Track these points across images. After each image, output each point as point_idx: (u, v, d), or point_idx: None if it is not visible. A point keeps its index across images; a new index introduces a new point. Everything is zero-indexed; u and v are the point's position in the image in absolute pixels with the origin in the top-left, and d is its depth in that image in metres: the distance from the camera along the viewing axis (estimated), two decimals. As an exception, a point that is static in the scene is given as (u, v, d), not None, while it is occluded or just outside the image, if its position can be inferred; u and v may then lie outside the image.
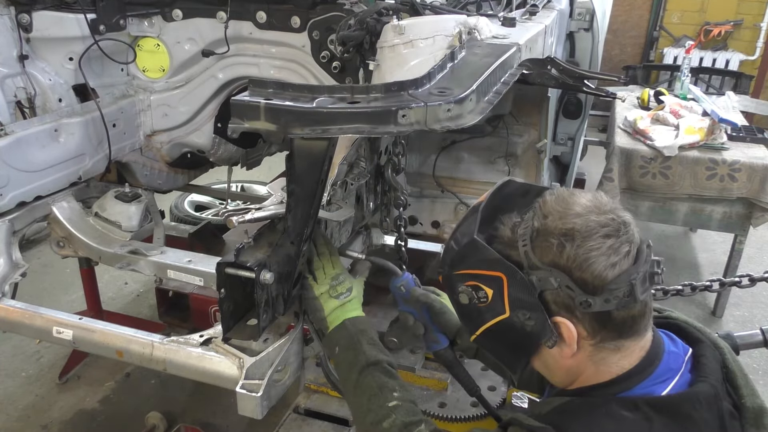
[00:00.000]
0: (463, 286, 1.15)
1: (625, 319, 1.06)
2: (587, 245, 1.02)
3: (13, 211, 2.15)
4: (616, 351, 1.09)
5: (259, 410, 1.51)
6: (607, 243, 1.03)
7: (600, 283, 1.02)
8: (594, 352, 1.10)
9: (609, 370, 1.11)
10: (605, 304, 1.03)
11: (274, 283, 1.53)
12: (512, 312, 1.10)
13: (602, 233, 1.03)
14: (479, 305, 1.14)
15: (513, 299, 1.09)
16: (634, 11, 7.51)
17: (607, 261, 1.02)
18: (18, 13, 2.23)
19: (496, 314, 1.12)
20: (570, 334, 1.07)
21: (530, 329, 1.09)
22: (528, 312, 1.08)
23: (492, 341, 1.19)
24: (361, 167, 1.87)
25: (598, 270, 1.02)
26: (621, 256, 1.03)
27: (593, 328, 1.07)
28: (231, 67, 2.47)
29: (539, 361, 1.17)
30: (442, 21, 1.75)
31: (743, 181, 3.60)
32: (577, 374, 1.14)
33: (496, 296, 1.11)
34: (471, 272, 1.13)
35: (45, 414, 3.17)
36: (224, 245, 3.41)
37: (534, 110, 2.41)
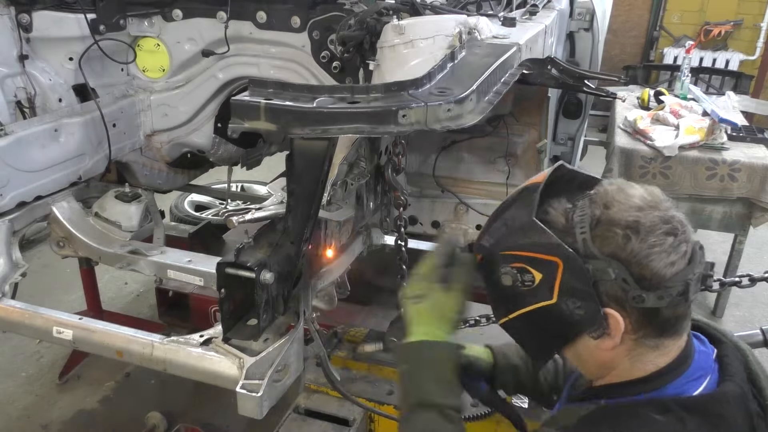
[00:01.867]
0: (508, 267, 1.11)
1: (670, 317, 1.06)
2: (650, 241, 1.02)
3: (13, 211, 2.15)
4: (654, 349, 1.09)
5: (259, 410, 1.51)
6: (669, 241, 1.03)
7: (658, 280, 1.02)
8: (633, 347, 1.09)
9: (644, 367, 1.11)
10: (658, 301, 1.03)
11: (274, 283, 1.54)
12: (560, 299, 1.07)
13: (664, 230, 1.03)
14: (522, 288, 1.11)
15: (565, 286, 1.06)
16: (634, 11, 7.52)
17: (667, 259, 1.02)
18: (18, 13, 2.23)
19: (540, 299, 1.09)
20: (617, 327, 1.06)
21: (578, 318, 1.07)
22: (579, 301, 1.06)
23: (526, 326, 1.16)
24: (361, 167, 1.87)
25: (658, 267, 1.02)
26: (680, 255, 1.03)
27: (639, 323, 1.06)
28: (231, 67, 2.47)
29: (573, 351, 1.15)
30: (442, 21, 1.75)
31: (743, 181, 3.60)
32: (611, 368, 1.14)
33: (545, 281, 1.08)
34: (522, 254, 1.10)
35: (45, 414, 3.17)
36: (224, 245, 3.41)
37: (534, 110, 2.41)
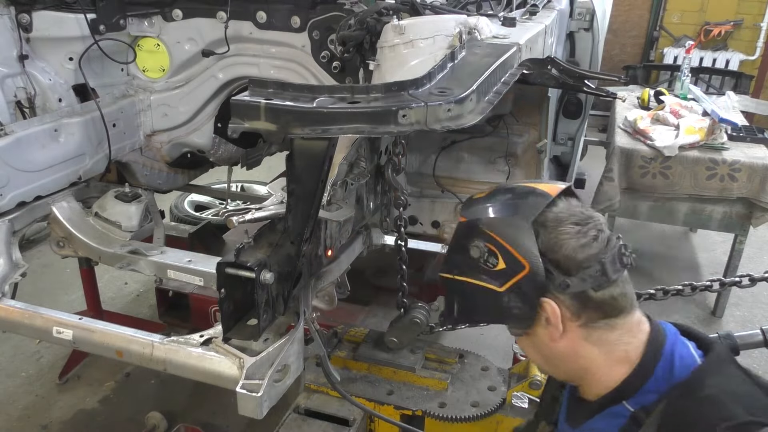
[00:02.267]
0: (482, 244, 1.19)
1: (604, 299, 1.14)
2: (558, 229, 1.14)
3: (13, 211, 2.15)
4: (610, 329, 1.17)
5: (260, 410, 1.51)
6: (576, 228, 1.14)
7: (572, 263, 1.12)
8: (586, 334, 1.17)
9: (614, 350, 1.17)
10: (582, 283, 1.12)
11: (274, 283, 1.54)
12: (507, 292, 1.17)
13: (572, 221, 1.15)
14: (482, 264, 1.19)
15: (517, 286, 1.16)
16: (634, 11, 7.51)
17: (576, 243, 1.13)
18: (18, 13, 2.23)
19: (491, 282, 1.19)
20: (554, 312, 1.14)
21: (511, 313, 1.18)
22: (521, 302, 1.17)
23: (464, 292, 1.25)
24: (361, 167, 1.87)
25: (568, 251, 1.13)
26: (589, 238, 1.13)
27: (575, 307, 1.14)
28: (231, 67, 2.47)
29: (532, 348, 1.25)
30: (442, 21, 1.75)
31: (743, 181, 3.60)
32: (583, 361, 1.19)
33: (504, 273, 1.17)
34: (501, 242, 1.17)
35: (45, 414, 3.17)
36: (224, 245, 3.41)
37: (534, 110, 2.41)
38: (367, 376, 2.15)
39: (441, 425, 1.99)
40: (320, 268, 1.83)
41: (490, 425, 2.01)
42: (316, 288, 1.83)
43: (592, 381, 1.22)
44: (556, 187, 1.22)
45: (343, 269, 1.97)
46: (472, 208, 1.26)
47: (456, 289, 1.28)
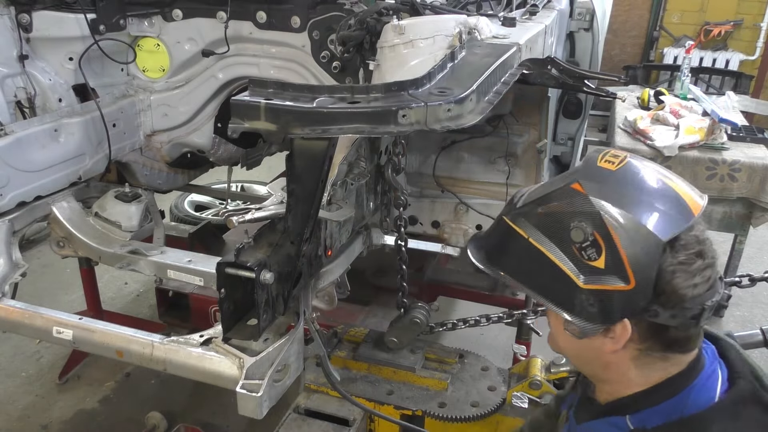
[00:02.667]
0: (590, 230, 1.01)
1: (678, 337, 1.06)
2: (680, 258, 1.00)
3: (13, 211, 2.15)
4: (662, 359, 1.09)
5: (259, 410, 1.51)
6: (697, 263, 1.01)
7: (675, 298, 1.01)
8: (638, 356, 1.09)
9: (652, 375, 1.11)
10: (670, 319, 1.02)
11: (274, 283, 1.54)
12: (587, 294, 1.03)
13: (696, 251, 1.01)
14: (574, 249, 1.03)
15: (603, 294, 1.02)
16: (634, 11, 7.51)
17: (691, 280, 1.00)
18: (18, 13, 2.23)
19: (573, 271, 1.03)
20: (624, 334, 1.04)
21: (582, 312, 1.05)
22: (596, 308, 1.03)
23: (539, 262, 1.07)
24: (361, 167, 1.87)
25: (680, 286, 1.00)
26: (703, 279, 1.02)
27: (646, 334, 1.05)
28: (231, 67, 2.47)
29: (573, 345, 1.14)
30: (442, 21, 1.75)
31: (743, 181, 3.60)
32: (613, 372, 1.13)
33: (597, 273, 1.01)
34: (617, 245, 1.00)
35: (45, 414, 3.17)
36: (224, 245, 3.41)
37: (534, 110, 2.40)
38: (367, 376, 2.15)
39: (441, 425, 1.99)
40: (320, 268, 1.83)
41: (490, 425, 2.01)
42: (316, 288, 1.83)
43: (610, 388, 1.17)
44: (698, 203, 1.06)
45: (343, 269, 1.97)
46: (599, 182, 1.05)
47: (518, 245, 1.11)
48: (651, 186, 1.06)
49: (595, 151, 1.14)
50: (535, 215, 1.10)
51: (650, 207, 1.02)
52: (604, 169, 1.07)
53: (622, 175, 1.06)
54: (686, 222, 1.02)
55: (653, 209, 1.02)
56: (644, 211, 1.01)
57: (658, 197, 1.04)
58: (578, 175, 1.08)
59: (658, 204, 1.03)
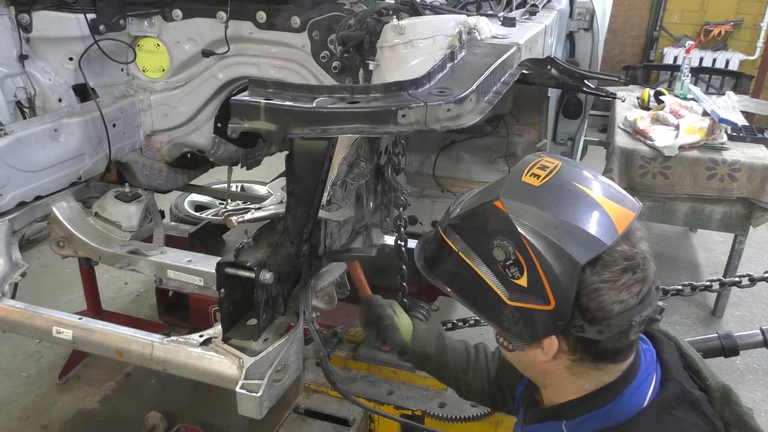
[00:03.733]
0: (511, 249, 1.01)
1: (608, 349, 1.06)
2: (604, 276, 0.99)
3: (13, 211, 2.15)
4: (595, 369, 1.10)
5: (259, 410, 1.51)
6: (624, 278, 1.00)
7: (602, 315, 1.00)
8: (572, 366, 1.10)
9: (587, 384, 1.12)
10: (597, 334, 1.01)
11: (274, 283, 1.54)
12: (513, 311, 1.04)
13: (623, 266, 1.00)
14: (498, 266, 1.03)
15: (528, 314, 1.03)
16: (634, 11, 7.51)
17: (617, 296, 1.00)
18: (18, 13, 2.23)
19: (499, 288, 1.04)
20: (551, 347, 1.05)
21: (511, 329, 1.06)
22: (523, 326, 1.04)
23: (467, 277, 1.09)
24: (361, 167, 1.87)
25: (605, 302, 0.99)
26: (631, 295, 1.01)
27: (575, 347, 1.06)
28: (231, 67, 2.47)
29: (509, 354, 1.18)
30: (442, 21, 1.75)
31: (743, 181, 3.60)
32: (551, 379, 1.15)
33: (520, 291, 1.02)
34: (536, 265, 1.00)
35: (45, 414, 3.17)
36: (224, 245, 3.41)
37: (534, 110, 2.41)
38: (367, 376, 2.15)
39: (441, 425, 1.99)
40: (320, 268, 1.83)
41: (490, 425, 2.01)
42: (316, 288, 1.83)
43: (549, 392, 1.20)
44: (627, 214, 1.03)
45: (343, 269, 1.97)
46: (521, 201, 1.04)
47: (450, 256, 1.12)
48: (574, 205, 1.03)
49: (524, 162, 1.11)
50: (463, 229, 1.11)
51: (569, 229, 1.00)
52: (528, 185, 1.06)
53: (544, 192, 1.04)
54: (608, 241, 0.99)
55: (572, 231, 1.00)
56: (563, 233, 0.99)
57: (580, 217, 1.01)
58: (501, 191, 1.06)
59: (581, 224, 1.00)
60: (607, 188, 1.07)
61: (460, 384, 1.67)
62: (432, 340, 1.66)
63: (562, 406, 1.16)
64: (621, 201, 1.06)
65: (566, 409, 1.15)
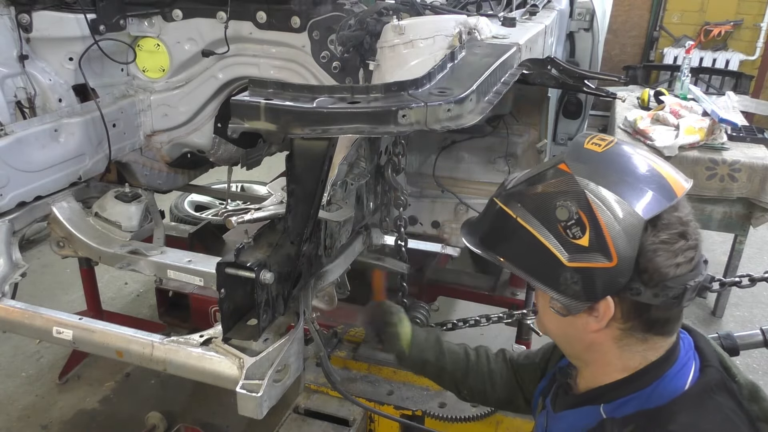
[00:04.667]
0: (574, 208, 1.03)
1: (659, 318, 1.08)
2: (662, 237, 1.02)
3: (13, 211, 2.15)
4: (642, 342, 1.11)
5: (259, 410, 1.51)
6: (679, 243, 1.03)
7: (659, 277, 1.02)
8: (621, 336, 1.10)
9: (632, 359, 1.12)
10: (653, 298, 1.03)
11: (274, 283, 1.54)
12: (572, 272, 1.05)
13: (679, 231, 1.03)
14: (559, 227, 1.05)
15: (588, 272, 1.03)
16: (634, 11, 7.51)
17: (673, 260, 1.03)
18: (18, 13, 2.23)
19: (559, 249, 1.05)
20: (607, 312, 1.06)
21: (566, 290, 1.06)
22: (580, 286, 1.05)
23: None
24: (361, 167, 1.87)
25: (662, 264, 1.02)
26: (686, 259, 1.04)
27: (629, 314, 1.07)
28: (231, 67, 2.47)
29: (559, 325, 1.16)
30: (442, 21, 1.75)
31: (743, 181, 3.60)
32: (599, 352, 1.14)
33: (581, 251, 1.03)
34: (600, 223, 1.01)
35: (45, 414, 3.17)
36: (224, 245, 3.41)
37: (534, 110, 2.40)
38: (367, 376, 2.15)
39: (441, 425, 1.99)
40: (320, 268, 1.83)
41: (490, 425, 2.01)
42: (316, 288, 1.83)
43: (590, 372, 1.19)
44: (683, 185, 1.08)
45: (343, 269, 1.97)
46: (585, 163, 1.08)
47: (507, 225, 1.13)
48: (635, 167, 1.08)
49: (582, 135, 1.16)
50: (523, 195, 1.13)
51: (633, 187, 1.04)
52: (591, 151, 1.10)
53: (607, 156, 1.09)
54: (668, 202, 1.03)
55: (636, 189, 1.04)
56: (627, 190, 1.03)
57: (641, 178, 1.06)
58: (565, 156, 1.10)
59: (642, 184, 1.05)
60: (664, 161, 1.12)
61: (460, 387, 1.68)
62: (430, 347, 1.68)
63: (601, 389, 1.16)
64: (677, 173, 1.10)
65: (605, 392, 1.15)
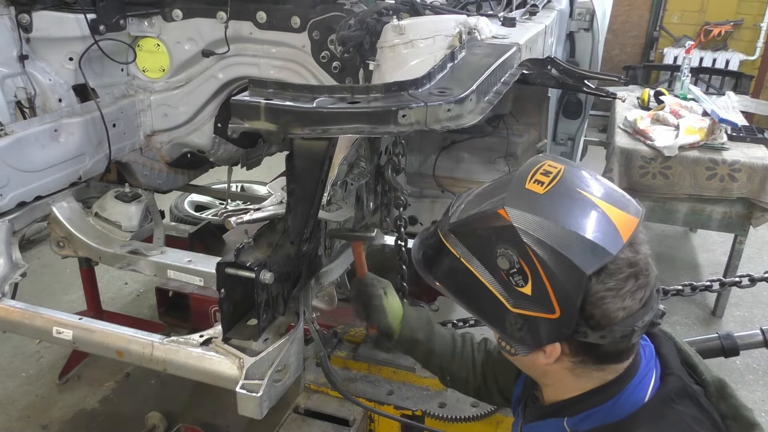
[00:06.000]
0: (515, 258, 1.00)
1: (610, 352, 1.07)
2: (609, 284, 0.99)
3: (13, 211, 2.15)
4: (597, 369, 1.11)
5: (259, 410, 1.51)
6: (628, 285, 1.00)
7: (605, 322, 1.01)
8: (574, 368, 1.10)
9: (589, 383, 1.12)
10: (599, 339, 1.02)
11: (274, 283, 1.54)
12: (516, 318, 1.04)
13: (627, 273, 1.00)
14: (501, 274, 1.03)
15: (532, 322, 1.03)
16: (634, 11, 7.52)
17: (621, 303, 1.00)
18: (18, 13, 2.23)
19: (502, 295, 1.04)
20: (554, 352, 1.06)
21: (514, 335, 1.06)
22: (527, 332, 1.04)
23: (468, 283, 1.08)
24: (361, 167, 1.87)
25: (609, 310, 1.00)
26: (635, 301, 1.01)
27: (577, 350, 1.07)
28: (231, 67, 2.47)
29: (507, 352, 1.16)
30: (442, 21, 1.75)
31: (743, 181, 3.60)
32: (552, 379, 1.15)
33: (524, 299, 1.02)
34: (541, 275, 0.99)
35: (45, 414, 3.17)
36: (224, 245, 3.41)
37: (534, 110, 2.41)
38: (367, 376, 2.15)
39: (441, 425, 1.99)
40: (320, 268, 1.83)
41: (490, 425, 2.01)
42: (316, 288, 1.83)
43: (551, 390, 1.20)
44: (631, 221, 1.03)
45: (343, 269, 1.97)
46: (525, 210, 1.03)
47: (452, 261, 1.10)
48: (578, 213, 1.02)
49: (528, 166, 1.10)
50: (465, 235, 1.10)
51: (575, 239, 0.99)
52: (532, 193, 1.04)
53: (548, 200, 1.03)
54: (614, 250, 0.99)
55: (578, 241, 0.99)
56: (569, 242, 0.99)
57: (585, 226, 1.00)
58: (506, 199, 1.05)
59: (586, 233, 0.99)
60: (611, 193, 1.07)
61: (444, 373, 1.67)
62: (422, 326, 1.66)
63: (564, 403, 1.17)
64: (625, 207, 1.05)
65: (568, 406, 1.16)
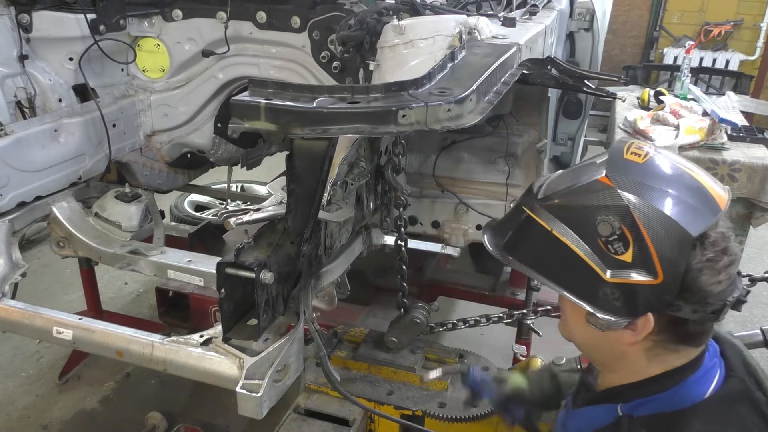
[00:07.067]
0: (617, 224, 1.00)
1: (695, 331, 1.06)
2: (708, 255, 1.00)
3: (13, 211, 2.15)
4: (674, 352, 1.09)
5: (259, 410, 1.51)
6: (725, 260, 1.01)
7: (700, 295, 1.01)
8: (652, 347, 1.09)
9: (659, 367, 1.11)
10: (691, 314, 1.01)
11: (274, 283, 1.54)
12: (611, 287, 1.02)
13: (722, 247, 1.01)
14: (599, 242, 1.01)
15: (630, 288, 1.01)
16: (634, 11, 7.52)
17: (717, 277, 1.00)
18: (18, 13, 2.23)
19: (598, 264, 1.02)
20: (646, 326, 1.04)
21: (606, 305, 1.04)
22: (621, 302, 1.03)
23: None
24: (361, 167, 1.87)
25: (706, 282, 1.00)
26: (727, 276, 1.02)
27: (665, 327, 1.05)
28: (231, 67, 2.47)
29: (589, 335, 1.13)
30: (442, 21, 1.75)
31: (743, 181, 3.59)
32: (627, 361, 1.13)
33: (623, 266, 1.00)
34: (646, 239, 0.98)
35: (45, 414, 3.17)
36: (224, 245, 3.41)
37: (534, 110, 2.40)
38: (367, 376, 2.15)
39: (441, 425, 1.99)
40: (320, 268, 1.83)
41: (490, 425, 2.01)
42: (316, 288, 1.83)
43: (614, 376, 1.18)
44: (724, 197, 1.04)
45: (343, 269, 1.97)
46: (627, 175, 1.03)
47: (538, 236, 1.09)
48: (679, 180, 1.04)
49: (619, 143, 1.12)
50: (559, 207, 1.08)
51: (679, 202, 1.01)
52: (631, 162, 1.06)
53: (649, 168, 1.05)
54: (714, 217, 1.01)
55: (682, 204, 1.00)
56: (674, 205, 1.00)
57: (686, 192, 1.02)
58: (605, 167, 1.06)
59: (687, 198, 1.01)
60: (700, 169, 1.09)
61: None
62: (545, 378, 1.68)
63: (621, 388, 1.15)
64: (715, 182, 1.07)
65: (625, 391, 1.14)
